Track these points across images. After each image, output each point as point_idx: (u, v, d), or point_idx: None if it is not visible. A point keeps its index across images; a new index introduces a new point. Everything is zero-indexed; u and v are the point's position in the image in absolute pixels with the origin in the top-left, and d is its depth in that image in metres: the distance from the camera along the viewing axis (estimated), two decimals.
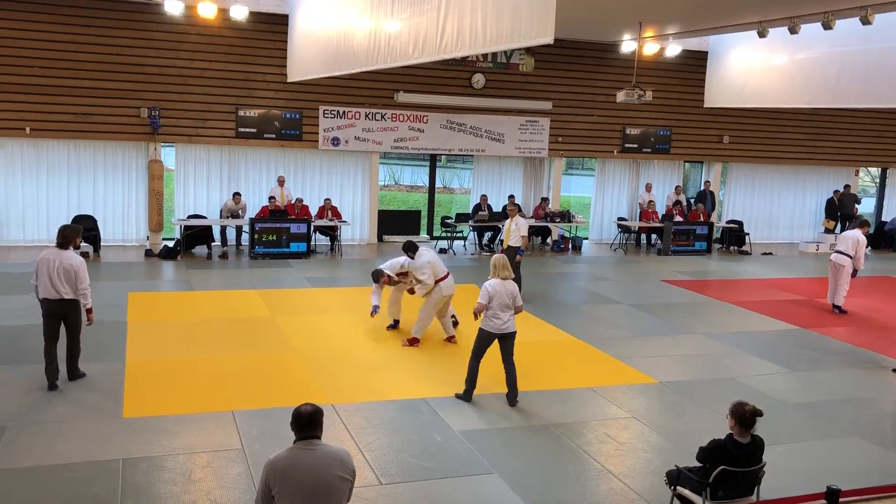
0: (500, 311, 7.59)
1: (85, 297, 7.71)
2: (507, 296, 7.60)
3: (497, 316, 7.59)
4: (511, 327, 7.69)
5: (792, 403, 8.19)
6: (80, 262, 7.73)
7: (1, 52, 14.21)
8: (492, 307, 7.57)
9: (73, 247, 7.88)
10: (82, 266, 7.73)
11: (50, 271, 7.59)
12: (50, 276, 7.59)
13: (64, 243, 7.77)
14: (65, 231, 7.88)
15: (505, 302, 7.58)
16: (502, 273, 7.70)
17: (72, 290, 7.64)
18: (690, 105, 18.94)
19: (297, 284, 12.95)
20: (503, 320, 7.61)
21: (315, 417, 4.13)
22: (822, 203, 21.01)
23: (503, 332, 7.65)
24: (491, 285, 7.62)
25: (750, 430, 5.08)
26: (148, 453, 6.27)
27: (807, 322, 11.80)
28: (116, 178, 15.51)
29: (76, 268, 7.64)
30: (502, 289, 7.60)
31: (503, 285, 7.63)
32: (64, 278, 7.61)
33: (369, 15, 9.98)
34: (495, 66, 17.45)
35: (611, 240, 18.93)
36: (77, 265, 7.67)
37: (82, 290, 7.67)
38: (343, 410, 7.34)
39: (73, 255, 7.75)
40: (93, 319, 7.87)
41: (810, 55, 14.79)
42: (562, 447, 6.80)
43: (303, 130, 16.40)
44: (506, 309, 7.60)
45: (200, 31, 15.28)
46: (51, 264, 7.61)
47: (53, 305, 7.64)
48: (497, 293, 7.57)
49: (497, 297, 7.56)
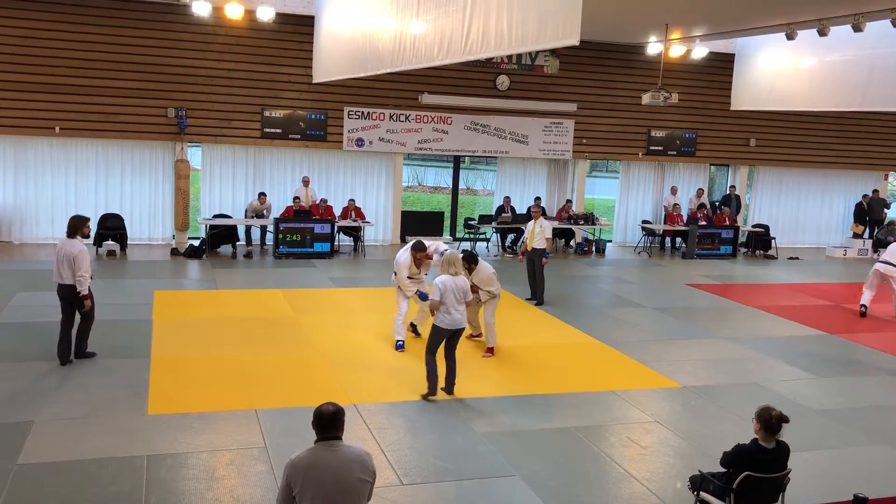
0: (452, 307, 7.64)
1: (80, 284, 8.15)
2: (458, 291, 7.68)
3: (449, 312, 7.63)
4: (463, 322, 7.77)
5: (818, 410, 8.08)
6: (80, 250, 8.19)
7: (31, 53, 14.43)
8: (445, 303, 7.60)
9: (81, 235, 8.37)
10: (81, 253, 8.17)
11: (58, 258, 8.21)
12: (58, 263, 8.21)
13: (71, 232, 8.32)
14: (72, 221, 8.41)
15: (457, 297, 7.67)
16: (451, 269, 7.79)
17: (73, 275, 8.16)
18: (717, 107, 18.78)
19: (321, 284, 13.00)
20: (455, 317, 7.66)
21: (336, 417, 4.13)
22: (849, 207, 20.74)
23: (457, 327, 7.71)
24: (441, 281, 7.66)
25: (776, 435, 5.02)
26: (172, 450, 6.32)
27: (834, 327, 11.65)
28: (143, 177, 15.70)
29: (76, 255, 8.13)
30: (453, 284, 7.66)
31: (454, 281, 7.70)
32: (66, 265, 8.16)
33: (395, 16, 10.00)
34: (520, 67, 17.42)
35: (635, 243, 18.82)
36: (76, 252, 8.15)
37: (78, 276, 8.14)
38: (365, 410, 7.36)
39: (75, 243, 8.23)
40: (88, 305, 8.32)
41: (839, 58, 14.61)
42: (584, 450, 6.76)
43: (327, 131, 16.48)
44: (458, 305, 7.68)
45: (227, 32, 15.42)
46: (59, 252, 8.23)
47: (60, 289, 8.28)
48: (448, 289, 7.62)
49: (448, 293, 7.61)
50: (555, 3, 6.65)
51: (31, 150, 14.98)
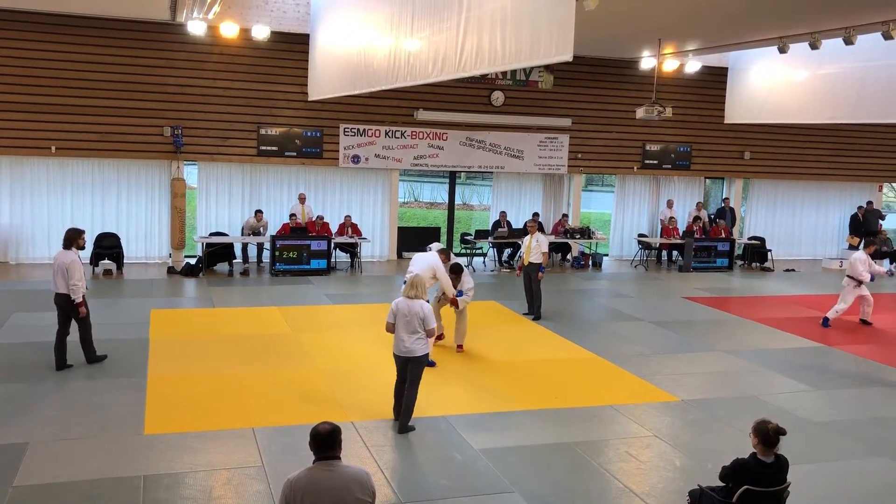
0: (403, 332, 7.17)
1: (73, 292, 8.59)
2: (412, 316, 7.11)
3: (400, 338, 7.20)
4: (416, 351, 7.16)
5: (817, 422, 8.07)
6: (72, 260, 8.64)
7: (26, 74, 14.46)
8: (396, 327, 7.18)
9: (76, 247, 8.83)
10: (73, 263, 8.62)
11: (54, 269, 8.75)
12: (54, 273, 8.74)
13: (66, 244, 8.82)
14: (67, 233, 8.96)
15: (410, 322, 7.12)
16: (409, 292, 7.25)
17: (65, 285, 8.61)
18: (711, 121, 18.86)
19: (318, 301, 12.99)
20: (406, 343, 7.16)
21: (333, 437, 4.10)
22: (844, 219, 20.81)
23: (405, 355, 7.21)
24: (395, 303, 7.27)
25: (774, 448, 5.01)
26: (169, 470, 6.29)
27: (831, 339, 11.65)
28: (140, 196, 15.70)
29: (68, 265, 8.59)
30: (406, 308, 7.16)
31: (408, 305, 7.17)
32: (60, 275, 8.62)
33: (389, 34, 10.05)
34: (514, 83, 17.50)
35: (631, 256, 18.84)
36: (69, 262, 8.60)
37: (71, 284, 8.58)
38: (363, 428, 7.34)
39: (68, 254, 8.70)
40: (83, 312, 8.75)
41: (832, 70, 14.70)
42: (583, 466, 6.74)
43: (323, 148, 16.51)
44: (411, 332, 7.14)
45: (222, 51, 15.48)
46: (55, 263, 8.77)
47: (56, 297, 8.75)
48: (400, 312, 7.18)
49: (400, 316, 7.17)
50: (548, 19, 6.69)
51: (27, 170, 14.98)
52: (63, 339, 8.75)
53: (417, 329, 7.14)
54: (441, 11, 8.50)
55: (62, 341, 8.74)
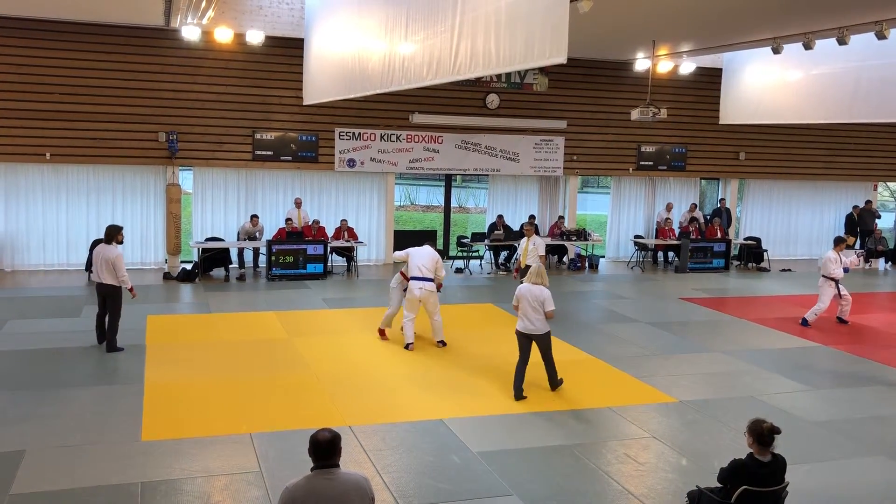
0: (531, 313, 8.40)
1: (125, 283, 9.76)
2: (535, 299, 8.37)
3: (528, 318, 8.42)
4: (540, 329, 8.46)
5: (815, 421, 8.08)
6: (116, 255, 9.69)
7: (20, 80, 14.45)
8: (523, 308, 8.43)
9: (116, 242, 9.85)
10: (118, 258, 9.71)
11: (96, 261, 9.80)
12: (96, 265, 9.80)
13: (107, 239, 9.88)
14: (108, 229, 9.99)
15: (535, 305, 8.37)
16: (534, 279, 8.50)
17: (111, 277, 9.68)
18: (705, 122, 18.90)
19: (314, 305, 12.97)
20: (533, 322, 8.42)
21: (334, 444, 4.07)
22: (840, 218, 20.86)
23: (531, 332, 8.48)
24: (519, 289, 8.57)
25: (769, 448, 5.01)
26: (166, 476, 6.27)
27: (828, 339, 11.67)
28: (135, 201, 15.68)
29: (113, 260, 9.66)
30: (529, 293, 8.40)
31: (531, 290, 8.43)
32: (104, 268, 9.68)
33: (384, 38, 10.06)
34: (509, 85, 17.52)
35: (627, 258, 18.86)
36: (114, 258, 9.66)
37: (121, 277, 9.70)
38: (360, 432, 7.32)
39: (112, 249, 9.75)
40: (135, 293, 10.06)
41: (826, 71, 14.74)
42: (581, 468, 6.74)
43: (319, 152, 16.51)
44: (535, 312, 8.37)
45: (217, 56, 15.47)
46: (97, 256, 9.81)
47: (98, 287, 9.87)
48: (524, 296, 8.42)
49: (524, 299, 8.41)
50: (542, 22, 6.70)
51: (21, 177, 14.96)
52: (102, 319, 9.92)
53: (539, 310, 8.35)
54: (435, 15, 8.51)
55: (102, 321, 9.93)
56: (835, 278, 12.35)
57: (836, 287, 12.38)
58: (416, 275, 10.16)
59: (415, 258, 10.27)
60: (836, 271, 12.34)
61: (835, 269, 12.34)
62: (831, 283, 12.40)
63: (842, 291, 12.44)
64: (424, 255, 10.29)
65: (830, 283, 12.41)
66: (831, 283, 12.41)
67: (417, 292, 10.10)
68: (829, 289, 12.42)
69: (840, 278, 12.38)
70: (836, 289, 12.38)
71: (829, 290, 12.42)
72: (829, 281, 12.42)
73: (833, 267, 12.36)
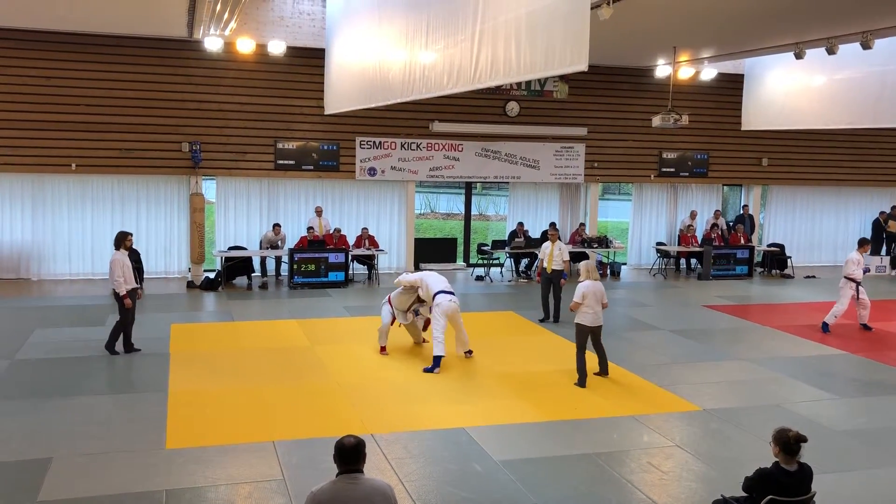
0: (596, 306, 9.24)
1: (116, 288, 9.83)
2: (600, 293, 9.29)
3: (594, 310, 9.23)
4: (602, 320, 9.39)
5: (842, 430, 7.97)
6: (112, 260, 9.87)
7: (47, 92, 14.67)
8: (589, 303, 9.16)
9: (124, 248, 9.98)
10: (112, 263, 9.84)
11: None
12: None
13: (116, 245, 10.07)
14: (116, 236, 10.16)
15: (598, 299, 9.27)
16: (594, 275, 9.31)
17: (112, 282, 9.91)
18: (728, 128, 18.78)
19: (336, 313, 13.02)
20: (598, 313, 9.29)
21: (358, 450, 4.12)
22: (865, 224, 20.61)
23: (597, 324, 9.30)
24: (584, 286, 9.20)
25: (795, 457, 4.95)
26: (191, 484, 6.31)
27: (852, 346, 11.52)
28: (159, 211, 15.84)
29: (110, 264, 9.87)
30: (594, 288, 9.21)
31: (595, 285, 9.24)
32: (108, 273, 10.07)
33: (404, 47, 10.10)
34: (529, 93, 17.52)
35: (650, 265, 18.75)
36: (110, 262, 9.89)
37: (112, 282, 9.88)
38: (382, 440, 7.33)
39: (114, 254, 9.92)
40: (128, 304, 9.92)
41: (849, 75, 14.60)
42: (604, 476, 6.70)
43: (340, 161, 16.60)
44: (599, 305, 9.28)
45: (239, 67, 15.61)
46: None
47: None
48: (591, 292, 9.18)
49: (591, 294, 9.17)
50: (563, 29, 6.69)
51: (48, 187, 15.17)
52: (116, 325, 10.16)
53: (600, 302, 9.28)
54: (456, 24, 8.53)
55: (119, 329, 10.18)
56: (855, 280, 12.24)
57: (857, 290, 12.26)
58: (443, 289, 9.96)
59: (432, 277, 10.19)
60: (856, 272, 12.25)
61: (855, 269, 12.27)
62: (852, 284, 12.30)
63: (860, 296, 12.32)
64: (439, 276, 10.26)
65: (851, 285, 12.32)
66: (852, 285, 12.31)
67: (452, 304, 9.87)
68: (849, 290, 12.35)
69: (859, 280, 12.26)
70: (856, 291, 12.26)
71: (848, 291, 12.36)
72: (849, 282, 12.32)
73: (853, 267, 12.30)
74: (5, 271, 15.20)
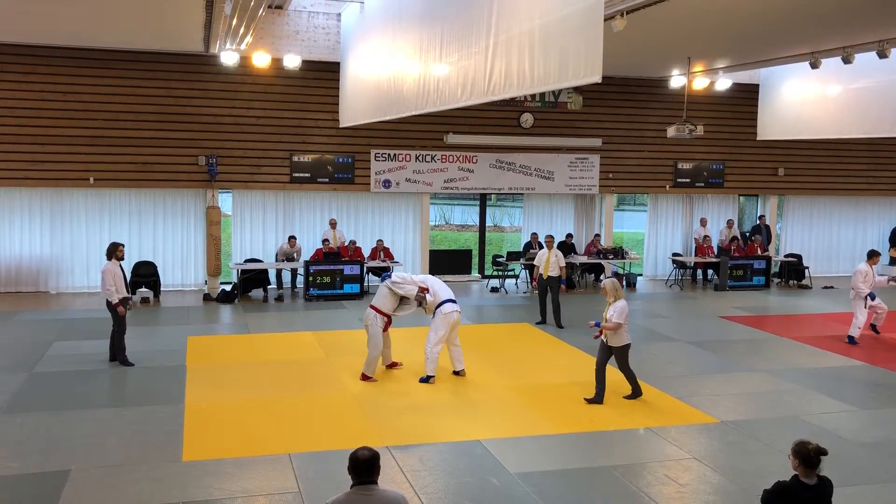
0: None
1: (109, 296, 10.00)
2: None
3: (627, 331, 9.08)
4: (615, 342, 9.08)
5: (862, 443, 7.89)
6: (104, 270, 10.05)
7: (66, 107, 14.85)
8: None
9: (115, 258, 10.13)
10: (105, 273, 10.01)
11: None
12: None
13: (108, 256, 10.20)
14: (108, 247, 10.30)
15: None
16: (619, 293, 9.03)
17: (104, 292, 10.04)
18: (743, 138, 18.71)
19: (352, 326, 13.03)
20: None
21: (373, 462, 4.13)
22: (884, 234, 20.43)
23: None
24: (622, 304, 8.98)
25: (815, 469, 4.89)
26: (207, 497, 6.33)
27: (872, 357, 11.40)
28: (175, 224, 15.96)
29: (102, 274, 10.04)
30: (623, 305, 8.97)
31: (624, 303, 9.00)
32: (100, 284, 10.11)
33: (418, 60, 10.16)
34: (543, 104, 17.54)
35: (666, 276, 18.66)
36: (102, 272, 10.06)
37: (105, 291, 9.99)
38: (398, 452, 7.33)
39: (104, 264, 10.15)
40: (122, 312, 10.08)
41: (866, 84, 14.53)
42: (621, 489, 6.65)
43: (355, 174, 16.67)
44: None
45: (255, 81, 15.74)
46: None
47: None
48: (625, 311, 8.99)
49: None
50: (576, 41, 6.71)
51: (66, 200, 15.33)
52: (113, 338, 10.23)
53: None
54: (469, 36, 8.57)
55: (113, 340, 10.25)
56: (860, 294, 12.15)
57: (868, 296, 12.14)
58: (449, 297, 9.83)
59: (438, 282, 9.95)
60: (860, 286, 12.14)
61: (860, 282, 12.16)
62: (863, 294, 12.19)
63: (874, 302, 12.24)
64: (442, 283, 10.04)
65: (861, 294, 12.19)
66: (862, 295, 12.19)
67: (457, 315, 9.75)
68: (861, 300, 12.22)
69: (864, 295, 12.14)
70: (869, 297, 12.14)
71: (861, 301, 12.23)
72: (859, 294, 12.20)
73: (860, 279, 12.19)
74: (25, 284, 15.35)
